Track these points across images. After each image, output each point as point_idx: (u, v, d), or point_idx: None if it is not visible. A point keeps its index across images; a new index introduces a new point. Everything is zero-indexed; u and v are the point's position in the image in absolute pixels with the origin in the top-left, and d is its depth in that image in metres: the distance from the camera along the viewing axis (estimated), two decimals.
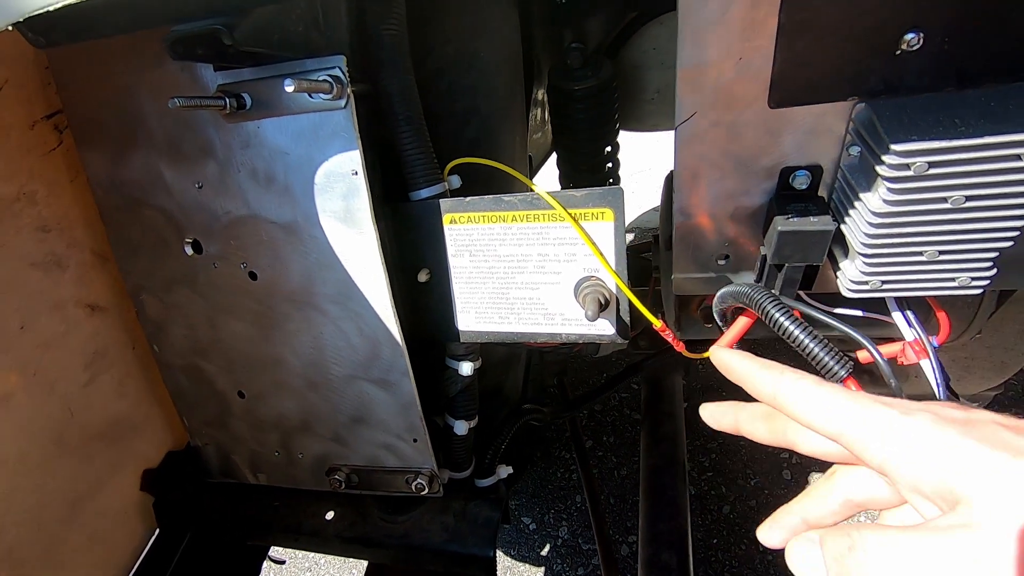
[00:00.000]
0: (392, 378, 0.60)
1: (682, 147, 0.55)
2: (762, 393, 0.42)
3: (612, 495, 1.62)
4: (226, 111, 0.51)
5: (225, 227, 0.58)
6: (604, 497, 1.62)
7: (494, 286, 0.58)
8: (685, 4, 0.45)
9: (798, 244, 0.53)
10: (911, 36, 0.43)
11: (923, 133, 0.43)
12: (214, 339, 0.65)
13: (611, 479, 1.65)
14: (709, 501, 1.53)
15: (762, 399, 0.42)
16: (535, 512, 1.65)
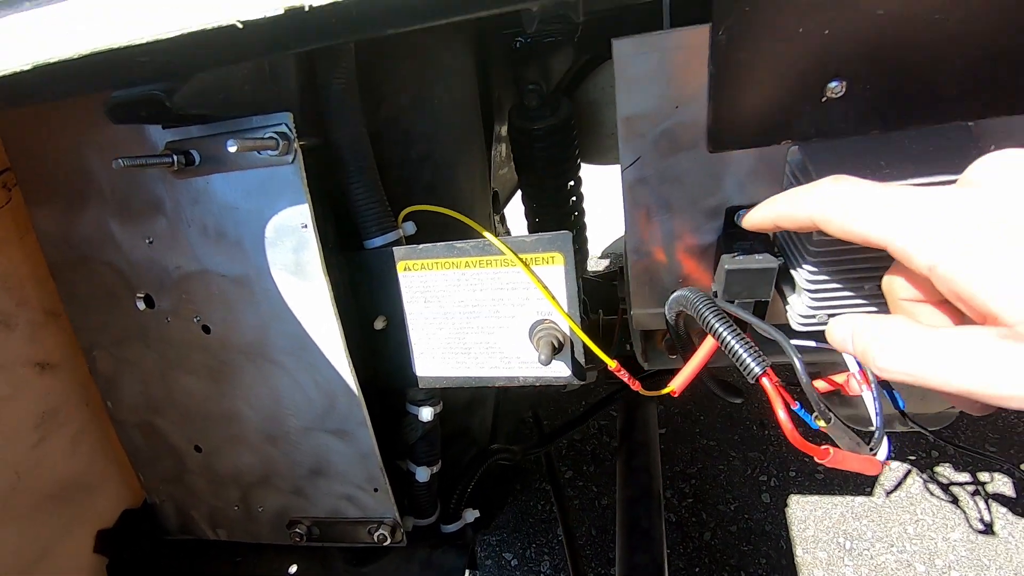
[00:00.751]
0: (350, 428, 0.59)
1: (629, 190, 0.56)
2: (802, 218, 0.39)
3: (593, 526, 1.60)
4: (174, 168, 0.51)
5: (176, 282, 0.57)
6: (585, 528, 1.60)
7: (450, 331, 0.58)
8: (619, 57, 0.47)
9: (745, 282, 0.55)
10: (835, 84, 0.45)
11: (851, 174, 0.45)
12: (168, 394, 0.64)
13: (592, 509, 1.64)
14: (690, 528, 1.52)
15: (805, 224, 0.39)
16: (516, 547, 1.63)
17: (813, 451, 0.49)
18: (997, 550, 1.35)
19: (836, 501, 1.51)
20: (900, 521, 1.44)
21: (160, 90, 0.40)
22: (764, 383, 0.48)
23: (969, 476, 1.48)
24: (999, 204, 0.29)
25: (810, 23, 0.42)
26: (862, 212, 0.33)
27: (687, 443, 1.71)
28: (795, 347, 0.50)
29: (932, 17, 0.41)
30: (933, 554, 1.37)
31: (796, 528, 1.48)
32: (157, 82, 0.40)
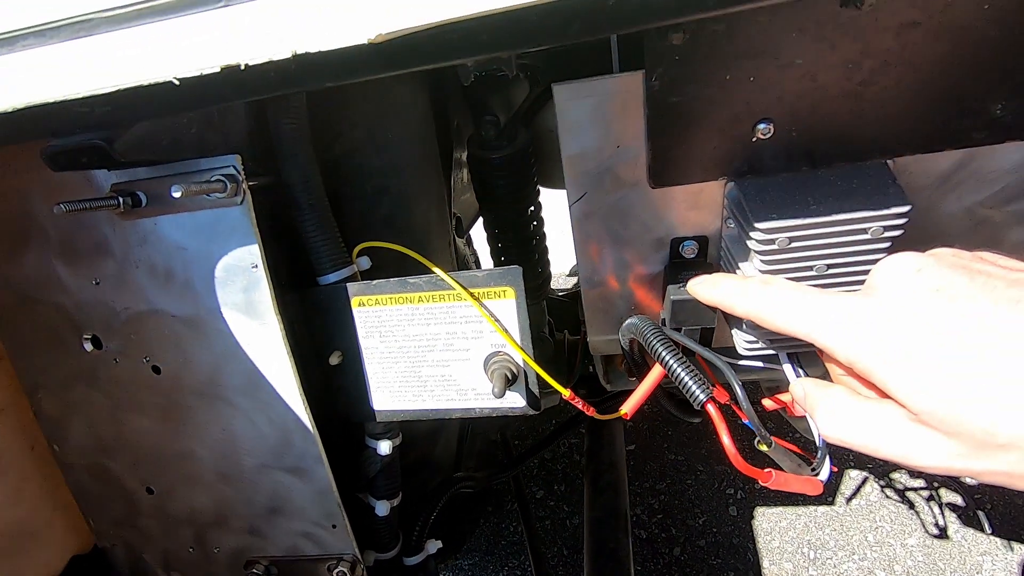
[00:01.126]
0: (306, 465, 0.59)
1: (578, 224, 0.58)
2: (740, 314, 0.46)
3: (565, 546, 1.60)
4: (120, 210, 0.50)
5: (125, 322, 0.56)
6: (557, 549, 1.60)
7: (406, 365, 0.59)
8: (560, 101, 0.49)
9: (690, 310, 0.57)
10: (763, 126, 0.48)
11: (782, 212, 0.48)
12: (118, 435, 0.62)
13: (563, 529, 1.64)
14: (660, 544, 1.53)
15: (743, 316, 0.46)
16: (489, 570, 1.61)
17: (757, 474, 0.50)
18: (951, 553, 1.39)
19: (800, 512, 1.54)
20: (860, 529, 1.48)
21: (101, 138, 0.40)
22: (708, 409, 0.50)
23: (923, 481, 1.53)
24: (892, 310, 0.35)
25: (736, 72, 0.45)
26: (790, 316, 0.40)
27: (656, 459, 1.73)
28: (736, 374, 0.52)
29: (846, 67, 0.44)
30: (892, 560, 1.41)
31: (762, 540, 1.51)
32: (97, 131, 0.40)
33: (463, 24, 0.30)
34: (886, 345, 0.34)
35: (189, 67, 0.33)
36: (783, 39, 0.43)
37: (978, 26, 0.41)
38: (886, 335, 0.34)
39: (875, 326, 0.35)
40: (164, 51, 0.33)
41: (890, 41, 0.42)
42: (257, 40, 0.31)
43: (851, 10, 0.41)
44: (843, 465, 1.60)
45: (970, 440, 0.31)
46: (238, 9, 0.32)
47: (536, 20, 0.33)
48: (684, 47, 0.43)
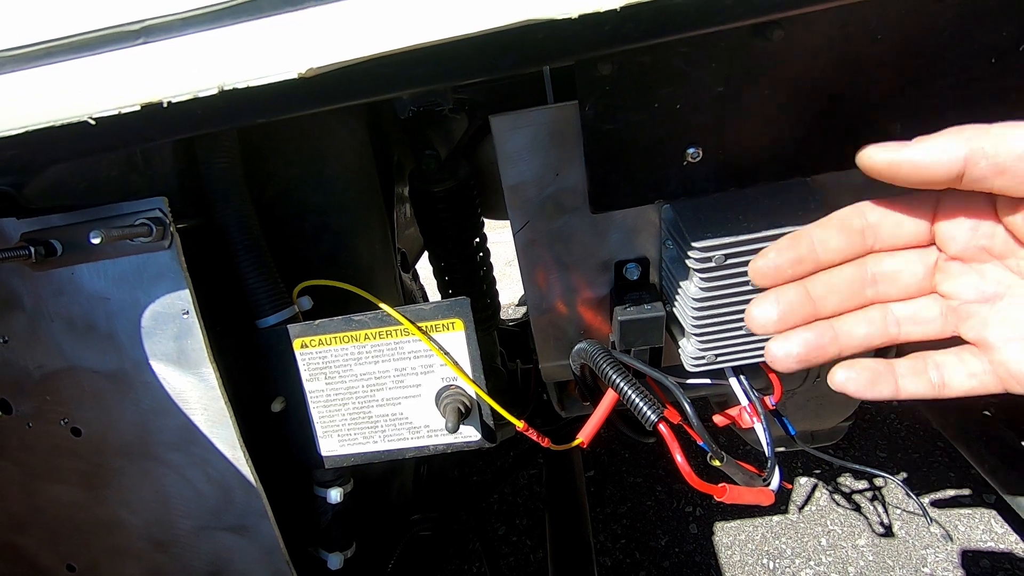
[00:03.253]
0: (249, 522, 0.55)
1: (523, 252, 0.58)
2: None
3: None
4: (32, 260, 0.47)
5: (38, 382, 0.52)
6: None
7: (355, 406, 0.57)
8: (497, 132, 0.50)
9: (638, 330, 0.58)
10: (692, 150, 0.50)
11: (716, 230, 0.50)
12: (32, 508, 0.56)
13: (528, 564, 1.60)
14: (625, 570, 1.52)
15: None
16: None
17: (711, 490, 0.51)
18: (898, 550, 1.45)
19: (757, 523, 1.57)
20: (814, 534, 1.52)
21: (7, 184, 0.37)
22: (660, 429, 0.51)
23: (867, 483, 1.60)
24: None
25: (663, 100, 0.47)
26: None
27: (615, 482, 1.73)
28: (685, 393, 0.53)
29: (762, 93, 0.47)
30: (846, 562, 1.45)
31: (723, 555, 1.52)
32: (4, 176, 0.38)
33: (395, 57, 0.30)
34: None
35: (106, 106, 0.31)
36: (704, 68, 0.45)
37: (873, 54, 0.45)
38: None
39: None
40: (79, 90, 0.32)
41: (799, 69, 0.46)
42: (181, 76, 0.30)
43: (762, 41, 0.44)
44: (792, 473, 1.65)
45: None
46: (159, 45, 0.31)
47: (469, 53, 0.33)
48: (613, 77, 0.45)
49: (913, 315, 0.41)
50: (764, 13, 0.36)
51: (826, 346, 0.41)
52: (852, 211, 0.42)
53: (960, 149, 0.34)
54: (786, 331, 0.41)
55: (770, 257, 0.42)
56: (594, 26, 0.33)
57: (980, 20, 0.43)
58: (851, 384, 0.40)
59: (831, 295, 0.41)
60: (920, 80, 0.46)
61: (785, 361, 0.41)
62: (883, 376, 0.40)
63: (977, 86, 0.46)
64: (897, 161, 0.36)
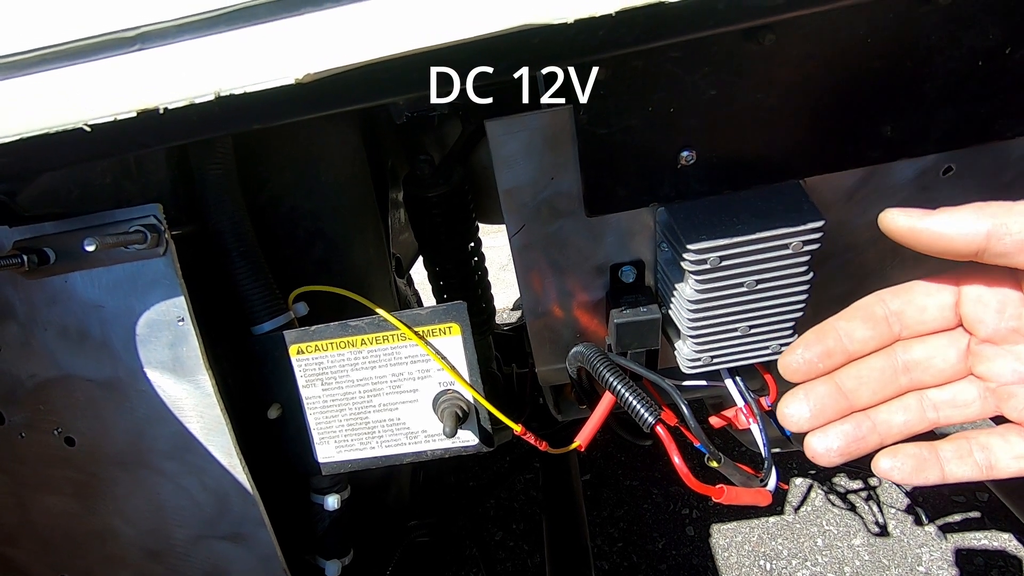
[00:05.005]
0: (246, 531, 0.55)
1: (519, 255, 0.58)
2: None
3: None
4: (24, 269, 0.46)
5: (31, 392, 0.51)
6: None
7: (351, 412, 0.56)
8: (493, 137, 0.50)
9: (634, 333, 0.58)
10: (686, 154, 0.51)
11: (711, 233, 0.50)
12: (24, 520, 0.56)
13: (525, 569, 1.59)
14: (622, 573, 1.52)
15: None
16: None
17: (709, 491, 0.51)
18: (894, 550, 1.46)
19: (753, 524, 1.57)
20: (810, 535, 1.53)
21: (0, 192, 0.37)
22: (657, 431, 0.51)
23: (862, 483, 1.61)
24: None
25: (657, 103, 0.47)
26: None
27: (611, 486, 1.73)
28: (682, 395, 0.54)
29: (754, 96, 0.47)
30: (842, 562, 1.46)
31: (720, 557, 1.53)
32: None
33: (391, 63, 0.31)
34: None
35: (102, 112, 0.31)
36: (697, 72, 0.46)
37: (863, 58, 0.46)
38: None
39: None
40: (74, 96, 0.31)
41: (790, 72, 0.46)
42: (177, 82, 0.30)
43: (754, 45, 0.44)
44: (788, 474, 1.66)
45: None
46: (155, 52, 0.31)
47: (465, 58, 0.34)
48: (607, 82, 0.45)
49: (951, 399, 0.40)
50: (756, 17, 0.36)
51: (866, 437, 0.40)
52: (873, 299, 0.42)
53: (983, 224, 0.34)
54: (821, 426, 0.41)
55: (799, 353, 0.42)
56: (589, 31, 0.33)
57: (967, 23, 0.44)
58: (896, 473, 0.39)
59: (863, 388, 0.41)
60: (909, 83, 0.47)
61: (826, 456, 0.40)
62: (928, 462, 0.39)
63: (965, 88, 0.47)
64: (918, 229, 0.37)
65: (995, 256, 0.35)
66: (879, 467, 0.40)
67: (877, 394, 0.41)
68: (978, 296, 0.38)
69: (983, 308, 0.38)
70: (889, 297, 0.41)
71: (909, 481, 0.39)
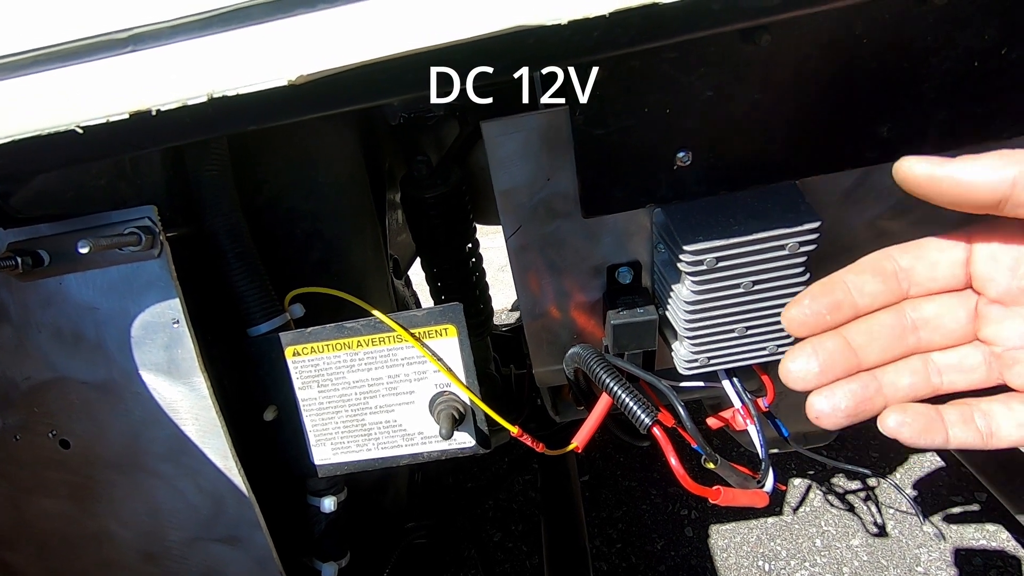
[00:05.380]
0: (242, 533, 0.54)
1: (515, 256, 0.58)
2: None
3: None
4: (19, 271, 0.46)
5: (25, 394, 0.51)
6: None
7: (348, 414, 0.56)
8: (488, 138, 0.50)
9: (631, 334, 0.58)
10: (682, 154, 0.51)
11: (708, 234, 0.50)
12: (20, 523, 0.55)
13: (523, 571, 1.59)
14: (621, 574, 1.52)
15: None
16: None
17: (706, 493, 0.51)
18: (892, 550, 1.46)
19: (752, 524, 1.57)
20: (808, 535, 1.53)
21: None
22: (654, 432, 0.51)
23: (860, 483, 1.61)
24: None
25: (653, 104, 0.47)
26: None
27: (610, 487, 1.73)
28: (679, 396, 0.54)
29: (751, 96, 0.47)
30: (840, 563, 1.46)
31: (719, 558, 1.53)
32: None
33: (386, 64, 0.30)
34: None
35: (95, 114, 0.31)
36: (693, 73, 0.46)
37: (859, 58, 0.46)
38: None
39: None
40: (66, 98, 0.31)
41: (786, 73, 0.46)
42: (170, 84, 0.30)
43: (750, 46, 0.44)
44: (786, 474, 1.66)
45: None
46: (148, 53, 0.31)
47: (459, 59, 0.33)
48: (603, 82, 0.45)
49: (956, 364, 0.39)
50: (752, 18, 0.36)
51: (872, 398, 0.38)
52: (881, 255, 0.40)
53: (1009, 171, 0.32)
54: (828, 384, 0.38)
55: (805, 304, 0.39)
56: (583, 32, 0.33)
57: (963, 24, 0.44)
58: (905, 430, 0.37)
59: (873, 343, 0.39)
60: (905, 83, 0.47)
61: (832, 416, 0.38)
62: (935, 424, 0.37)
63: (962, 89, 0.47)
64: (938, 176, 0.34)
65: (1016, 207, 0.32)
66: (887, 424, 0.37)
67: (886, 352, 0.39)
68: (991, 253, 0.36)
69: (995, 266, 0.36)
70: (898, 253, 0.39)
71: (915, 441, 0.37)
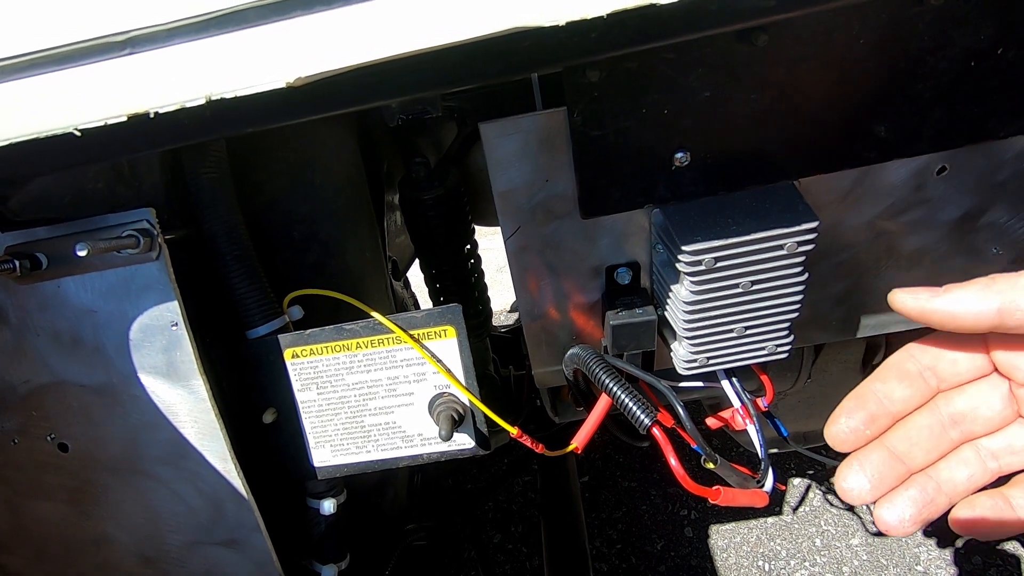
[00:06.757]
0: (241, 536, 0.54)
1: (514, 258, 0.58)
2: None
3: None
4: (16, 274, 0.46)
5: (24, 398, 0.51)
6: None
7: (347, 416, 0.56)
8: (487, 139, 0.50)
9: (630, 335, 0.58)
10: (680, 155, 0.51)
11: (706, 234, 0.50)
12: (18, 526, 0.55)
13: (524, 572, 1.59)
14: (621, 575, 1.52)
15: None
16: None
17: (706, 493, 0.51)
18: (891, 549, 1.46)
19: (752, 524, 1.57)
20: (808, 535, 1.53)
21: None
22: (654, 433, 0.51)
23: None
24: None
25: (650, 105, 0.47)
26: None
27: (610, 487, 1.73)
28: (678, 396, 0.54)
29: (748, 97, 0.47)
30: (840, 562, 1.46)
31: (719, 558, 1.53)
32: None
33: (384, 66, 0.30)
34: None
35: (92, 117, 0.31)
36: (691, 73, 0.46)
37: (856, 58, 0.46)
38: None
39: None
40: (63, 101, 0.31)
41: (784, 73, 0.46)
42: (168, 86, 0.30)
43: (747, 47, 0.44)
44: (785, 474, 1.66)
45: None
46: (146, 56, 0.31)
47: (457, 61, 0.33)
48: (601, 84, 0.45)
49: (1008, 446, 0.39)
50: (748, 19, 0.36)
51: (934, 499, 0.39)
52: (903, 356, 0.41)
53: (992, 303, 0.34)
54: (886, 495, 0.40)
55: (842, 422, 0.41)
56: (581, 33, 0.33)
57: (959, 24, 0.44)
58: (979, 528, 0.37)
59: (915, 448, 0.40)
60: (902, 83, 0.47)
61: (901, 527, 0.39)
62: (1005, 511, 0.37)
63: (958, 88, 0.47)
64: (928, 310, 0.37)
65: (1011, 329, 0.34)
66: (958, 523, 0.38)
67: (931, 452, 0.40)
68: (1006, 342, 0.38)
69: (1014, 356, 0.38)
70: (918, 352, 0.41)
71: (992, 536, 0.37)
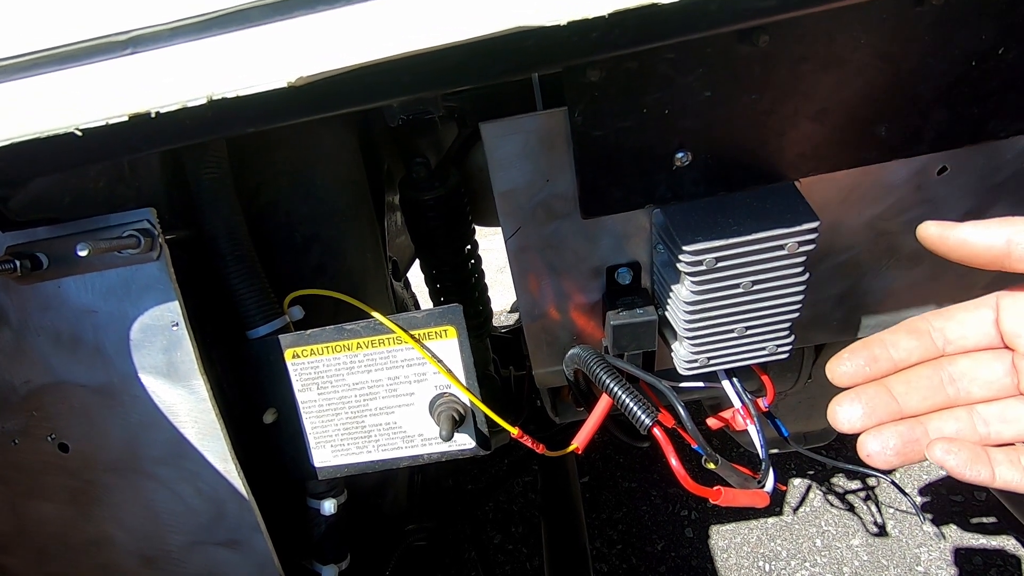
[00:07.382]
0: (242, 536, 0.54)
1: (515, 258, 0.58)
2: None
3: None
4: (17, 274, 0.46)
5: (24, 398, 0.51)
6: None
7: (348, 416, 0.56)
8: (488, 139, 0.50)
9: (631, 335, 0.58)
10: (681, 155, 0.51)
11: (707, 234, 0.50)
12: (19, 527, 0.55)
13: (524, 573, 1.59)
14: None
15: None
16: None
17: (706, 493, 0.51)
18: (892, 549, 1.46)
19: (752, 525, 1.57)
20: (808, 535, 1.53)
21: None
22: (655, 433, 0.51)
23: (860, 483, 1.61)
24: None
25: (651, 105, 0.47)
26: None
27: (610, 488, 1.73)
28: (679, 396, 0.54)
29: (749, 97, 0.47)
30: (840, 563, 1.46)
31: (720, 558, 1.52)
32: None
33: (385, 65, 0.30)
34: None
35: (93, 116, 0.31)
36: (691, 73, 0.46)
37: (856, 59, 0.46)
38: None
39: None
40: (64, 101, 0.31)
41: (785, 74, 0.46)
42: (169, 86, 0.30)
43: (748, 47, 0.44)
44: (786, 474, 1.66)
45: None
46: (147, 55, 0.31)
47: (458, 61, 0.33)
48: (601, 83, 0.45)
49: (1000, 415, 0.41)
50: (749, 19, 0.36)
51: (919, 440, 0.41)
52: (917, 318, 0.44)
53: (1002, 234, 0.37)
54: (875, 427, 0.41)
55: (845, 358, 0.43)
56: (582, 33, 0.33)
57: (960, 25, 0.44)
58: (951, 459, 0.38)
59: (912, 393, 0.42)
60: (903, 83, 0.47)
61: (882, 455, 0.41)
62: (981, 458, 0.38)
63: (959, 89, 0.47)
64: (946, 236, 0.40)
65: (1017, 262, 0.36)
66: (934, 452, 0.39)
67: (927, 400, 0.42)
68: (1018, 311, 0.40)
69: (1022, 322, 0.39)
70: (932, 316, 0.43)
71: (961, 471, 0.38)
